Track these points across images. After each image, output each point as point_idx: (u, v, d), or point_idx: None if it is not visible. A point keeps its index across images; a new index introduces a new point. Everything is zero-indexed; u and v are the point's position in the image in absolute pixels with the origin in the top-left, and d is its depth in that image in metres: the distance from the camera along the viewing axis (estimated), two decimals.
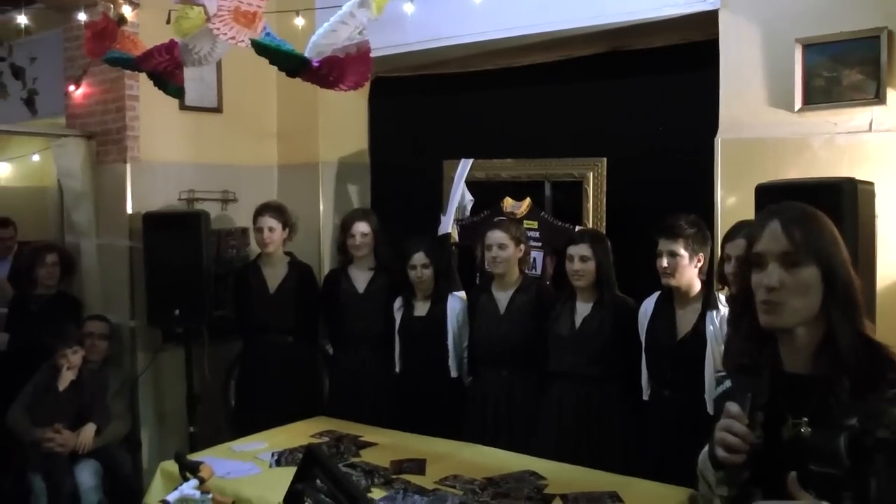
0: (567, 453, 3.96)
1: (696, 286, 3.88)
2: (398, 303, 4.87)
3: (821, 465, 1.77)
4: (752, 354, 1.96)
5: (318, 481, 2.69)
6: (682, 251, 3.80)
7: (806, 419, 1.81)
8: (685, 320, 3.88)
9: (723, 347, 3.69)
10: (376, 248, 5.10)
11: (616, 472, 3.73)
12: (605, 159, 4.84)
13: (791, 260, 1.84)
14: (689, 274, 3.84)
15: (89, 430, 4.82)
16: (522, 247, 4.51)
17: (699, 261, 3.84)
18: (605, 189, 4.83)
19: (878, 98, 3.79)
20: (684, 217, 3.86)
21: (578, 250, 4.20)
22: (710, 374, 3.73)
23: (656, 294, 4.02)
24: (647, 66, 4.91)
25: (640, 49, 4.90)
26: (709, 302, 3.82)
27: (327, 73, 3.09)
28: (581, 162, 4.92)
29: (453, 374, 4.67)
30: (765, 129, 4.07)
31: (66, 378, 4.82)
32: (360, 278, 5.12)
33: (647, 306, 4.04)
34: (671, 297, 3.94)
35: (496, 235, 4.45)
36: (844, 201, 2.79)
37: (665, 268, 3.84)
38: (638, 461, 3.93)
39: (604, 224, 4.79)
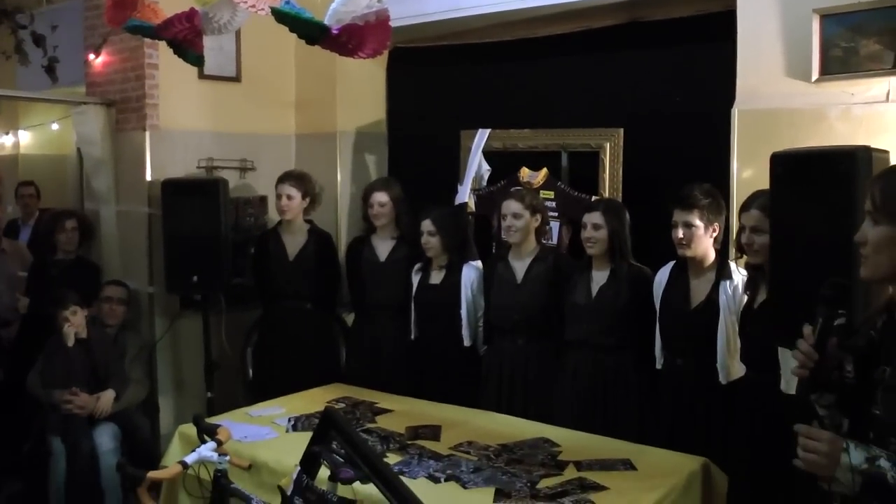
0: (581, 421, 4.00)
1: (711, 256, 3.91)
2: (416, 268, 4.90)
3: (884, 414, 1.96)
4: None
5: (334, 444, 2.74)
6: (698, 221, 3.82)
7: (888, 368, 1.98)
8: (699, 290, 3.91)
9: (736, 317, 3.73)
10: (398, 218, 5.11)
11: (629, 440, 3.77)
12: (621, 129, 4.83)
13: (873, 218, 1.99)
14: (705, 244, 3.86)
15: (108, 395, 4.89)
16: (539, 216, 4.52)
17: (714, 231, 3.86)
18: (621, 159, 4.83)
19: None
20: (699, 187, 3.87)
21: (591, 218, 4.22)
22: (723, 343, 3.77)
23: (671, 264, 4.04)
24: (665, 36, 4.90)
25: (658, 20, 4.89)
26: (723, 272, 3.85)
27: (346, 40, 3.10)
28: (598, 132, 4.91)
29: (466, 342, 4.70)
30: (782, 100, 4.06)
31: (70, 335, 4.82)
32: (382, 247, 5.14)
33: (662, 276, 4.07)
34: (686, 267, 3.97)
35: (511, 205, 4.46)
36: (859, 169, 2.79)
37: (680, 238, 3.86)
38: (651, 429, 3.97)
39: (620, 194, 4.79)
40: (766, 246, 3.42)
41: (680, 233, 3.85)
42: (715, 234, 3.88)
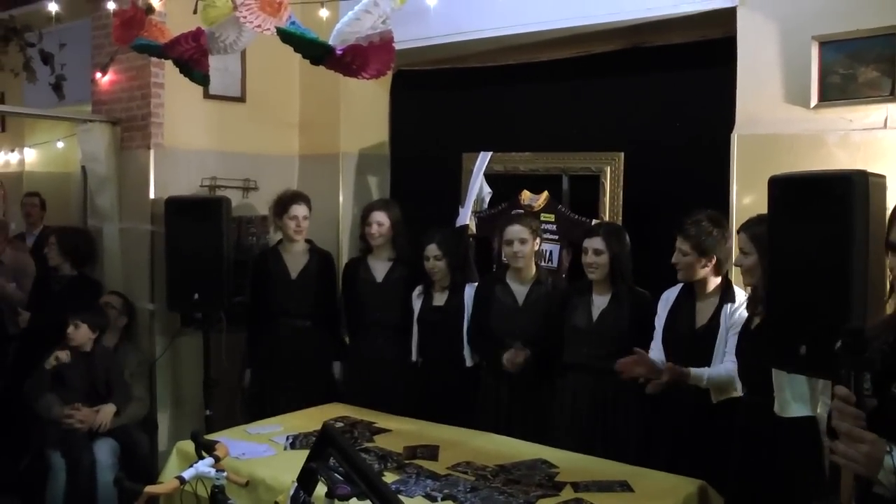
0: (580, 444, 4.01)
1: (714, 281, 3.94)
2: (417, 291, 4.93)
3: None
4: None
5: (332, 461, 2.75)
6: (691, 251, 3.85)
7: None
8: (703, 312, 3.94)
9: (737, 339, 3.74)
10: (395, 239, 5.13)
11: (628, 462, 3.78)
12: (622, 153, 4.87)
13: None
14: (699, 273, 3.90)
15: (108, 409, 4.91)
16: (539, 239, 4.56)
17: (708, 263, 3.88)
18: (622, 183, 4.86)
19: (894, 95, 3.82)
20: (704, 216, 3.90)
21: (592, 243, 4.24)
22: (719, 361, 3.79)
23: (680, 285, 4.06)
24: (665, 62, 4.95)
25: (658, 45, 4.94)
26: (727, 296, 3.88)
27: (350, 60, 3.14)
28: (599, 156, 4.95)
29: (468, 363, 4.72)
30: (781, 126, 4.10)
31: (61, 355, 4.86)
32: (379, 268, 5.17)
33: (670, 295, 4.08)
34: (693, 289, 3.99)
35: (516, 230, 4.48)
36: (855, 193, 2.81)
37: (676, 264, 3.91)
38: (650, 453, 3.97)
39: (620, 217, 4.82)
40: (752, 267, 3.47)
41: (674, 258, 3.91)
42: (709, 266, 3.90)
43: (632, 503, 3.30)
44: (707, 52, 4.70)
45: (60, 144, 8.72)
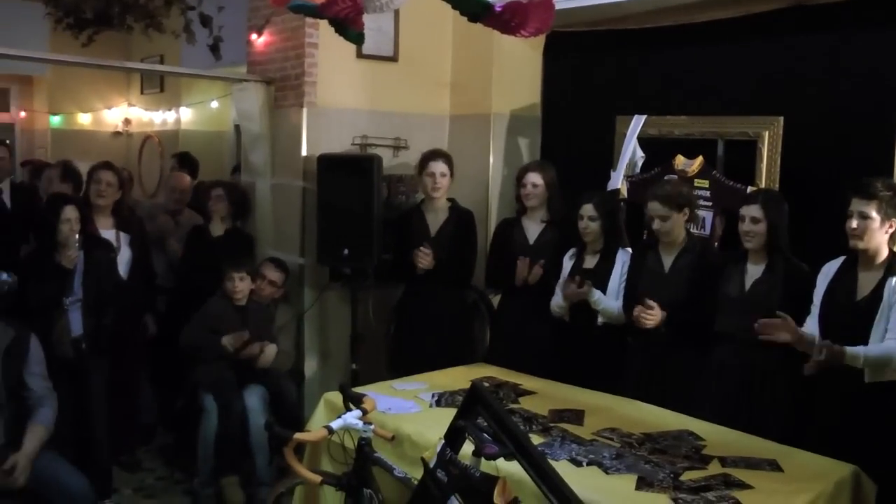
0: (725, 417, 3.90)
1: (885, 252, 3.71)
2: (570, 253, 4.87)
3: None
4: None
5: (480, 419, 2.76)
6: (875, 214, 3.62)
7: None
8: (866, 284, 3.73)
9: None
10: (550, 201, 5.10)
11: (774, 440, 3.65)
12: (781, 118, 4.66)
13: None
14: (878, 238, 3.67)
15: (272, 347, 5.09)
16: (686, 210, 4.41)
17: (891, 227, 3.66)
18: (780, 149, 4.66)
19: None
20: (881, 179, 3.69)
21: (749, 211, 4.09)
22: (878, 338, 3.60)
23: (841, 258, 3.86)
24: (830, 21, 4.68)
25: (823, 3, 4.68)
26: (893, 268, 3.67)
27: (509, 18, 3.09)
28: (757, 120, 4.75)
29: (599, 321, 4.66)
30: None
31: (238, 294, 5.09)
32: (532, 229, 5.14)
33: (831, 268, 3.88)
34: (856, 261, 3.79)
35: (655, 207, 4.38)
36: None
37: (854, 229, 3.67)
38: (798, 431, 3.83)
39: (777, 185, 4.63)
40: None
41: (854, 223, 3.67)
42: (891, 231, 3.68)
43: (781, 483, 3.17)
44: (875, 12, 4.43)
45: (214, 104, 9.04)
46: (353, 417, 3.22)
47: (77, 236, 4.67)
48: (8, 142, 6.98)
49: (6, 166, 6.30)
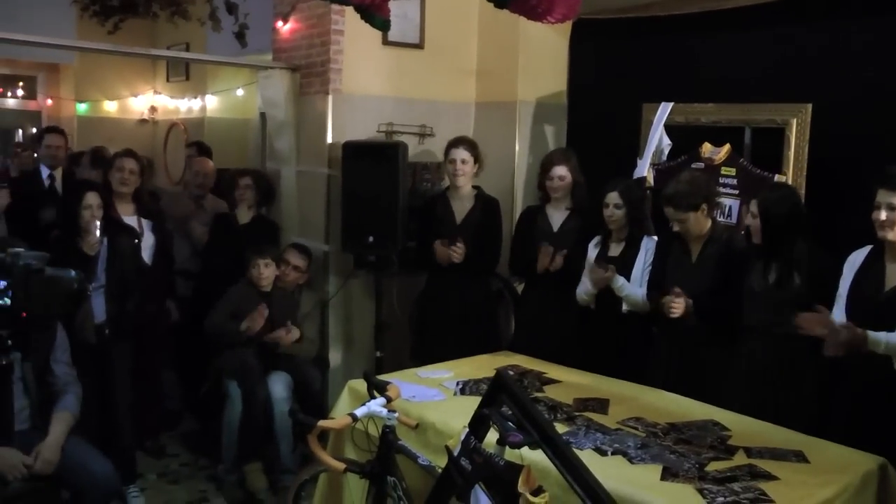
0: (752, 408, 3.86)
1: None
2: (595, 241, 4.85)
3: None
4: None
5: (504, 408, 2.75)
6: None
7: None
8: (894, 275, 3.66)
9: None
10: (573, 190, 5.10)
11: (801, 431, 3.60)
12: (809, 105, 4.61)
13: None
14: None
15: (296, 331, 5.11)
16: (705, 206, 4.33)
17: None
18: (808, 137, 4.61)
19: None
20: None
21: (752, 206, 4.10)
22: None
23: (868, 247, 3.81)
24: (859, 6, 4.63)
25: None
26: None
27: (536, 3, 3.08)
28: (784, 107, 4.70)
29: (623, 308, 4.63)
30: None
31: (263, 280, 5.12)
32: (556, 217, 5.14)
33: (857, 258, 3.83)
34: (882, 252, 3.74)
35: (669, 212, 4.33)
36: None
37: (883, 221, 3.59)
38: (824, 423, 3.78)
39: (804, 173, 4.59)
40: None
41: (883, 215, 3.59)
42: None
43: (807, 475, 3.13)
44: None
45: (240, 92, 9.06)
46: (377, 405, 3.22)
47: (98, 222, 4.69)
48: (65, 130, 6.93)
49: (61, 154, 6.36)
